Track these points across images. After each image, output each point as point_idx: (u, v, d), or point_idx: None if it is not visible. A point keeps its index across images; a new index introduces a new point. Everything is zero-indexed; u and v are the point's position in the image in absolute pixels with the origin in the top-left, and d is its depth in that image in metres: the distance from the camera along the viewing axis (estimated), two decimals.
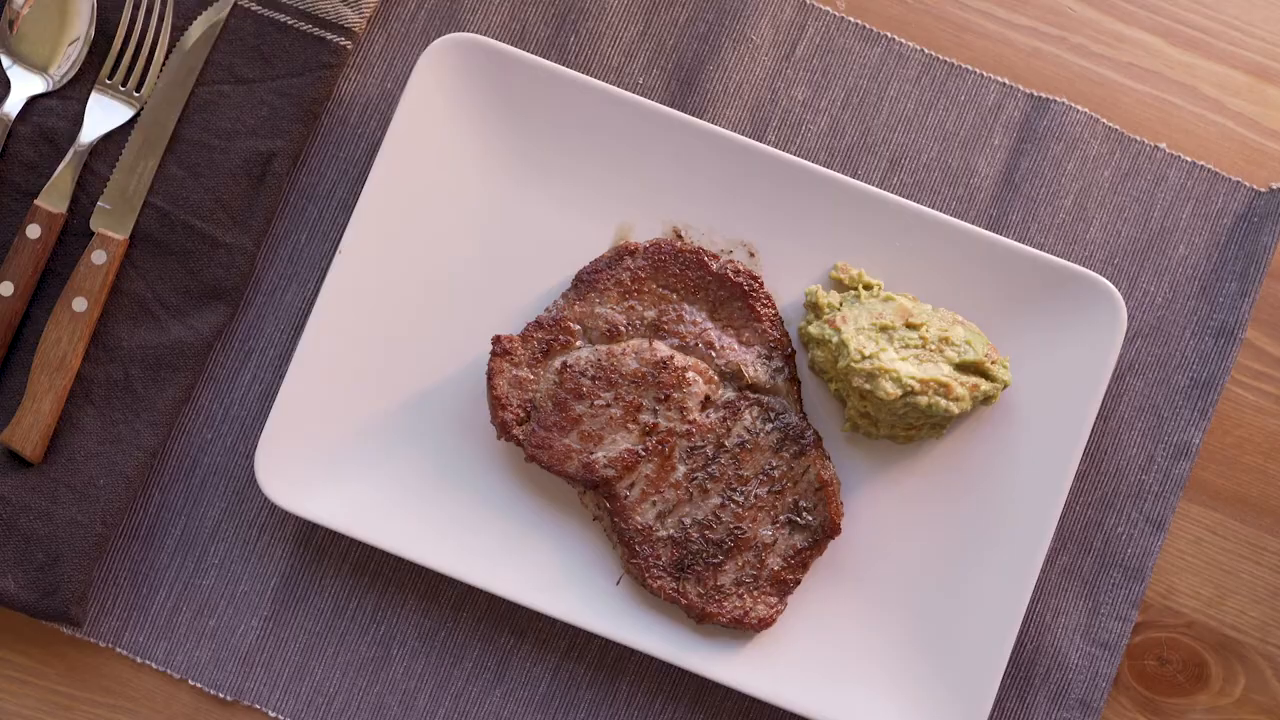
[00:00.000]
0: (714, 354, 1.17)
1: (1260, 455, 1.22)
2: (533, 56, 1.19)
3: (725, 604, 1.15)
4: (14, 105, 1.19)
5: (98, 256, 1.17)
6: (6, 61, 1.20)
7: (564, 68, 1.19)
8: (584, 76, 1.19)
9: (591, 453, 1.15)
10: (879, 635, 1.17)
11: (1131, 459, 1.21)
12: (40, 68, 1.20)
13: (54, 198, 1.18)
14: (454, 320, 1.19)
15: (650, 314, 1.17)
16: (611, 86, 1.19)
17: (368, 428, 1.18)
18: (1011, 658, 1.17)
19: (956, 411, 1.14)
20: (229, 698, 1.18)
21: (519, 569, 1.16)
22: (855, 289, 1.19)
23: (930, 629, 1.17)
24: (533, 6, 1.24)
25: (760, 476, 1.16)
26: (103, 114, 1.20)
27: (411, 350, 1.19)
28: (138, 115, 1.20)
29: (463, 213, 1.20)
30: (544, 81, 1.19)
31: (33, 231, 1.17)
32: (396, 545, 1.15)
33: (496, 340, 1.16)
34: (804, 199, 1.18)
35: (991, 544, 1.16)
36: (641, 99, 1.19)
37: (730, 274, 1.18)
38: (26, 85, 1.20)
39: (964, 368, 1.15)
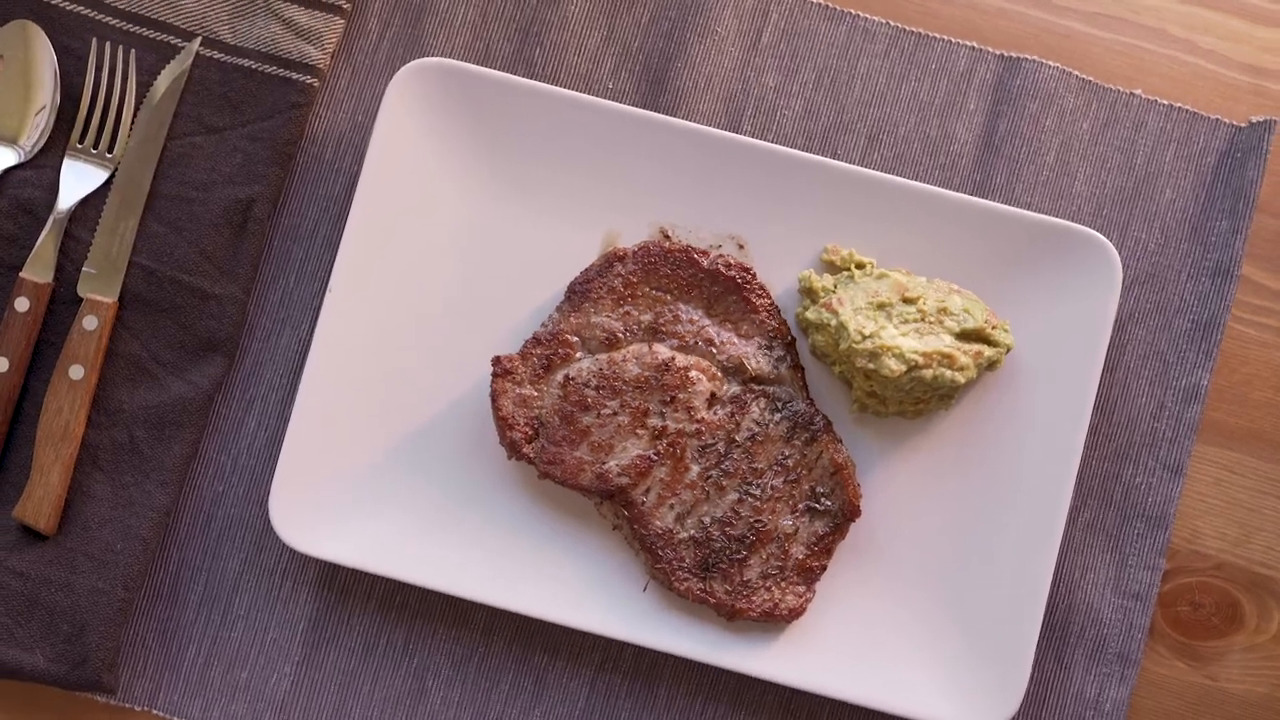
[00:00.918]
0: (714, 350, 1.16)
1: (1270, 390, 1.22)
2: (500, 73, 1.18)
3: (754, 598, 1.15)
4: None
5: (89, 322, 1.17)
6: None
7: (532, 81, 1.18)
8: (553, 88, 1.18)
9: (604, 463, 1.14)
10: (910, 612, 1.17)
11: (1142, 408, 1.21)
12: (10, 140, 1.19)
13: (38, 268, 1.18)
14: (451, 345, 1.19)
15: (646, 317, 1.17)
16: (581, 94, 1.19)
17: (378, 463, 1.18)
18: (1044, 619, 1.17)
19: (963, 381, 1.14)
20: None
21: (545, 586, 1.16)
22: (848, 269, 1.18)
23: (960, 600, 1.16)
24: (495, 24, 1.24)
25: (775, 467, 1.15)
26: (77, 179, 1.19)
27: (412, 380, 1.19)
28: (112, 176, 1.20)
29: (448, 237, 1.20)
30: (514, 97, 1.18)
31: (21, 304, 1.17)
32: (419, 576, 1.15)
33: (496, 361, 1.15)
34: (786, 185, 1.18)
35: (1012, 508, 1.16)
36: (613, 104, 1.18)
37: (722, 268, 1.17)
38: None
39: (965, 336, 1.15)
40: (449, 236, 1.20)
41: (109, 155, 1.20)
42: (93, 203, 1.20)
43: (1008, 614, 1.14)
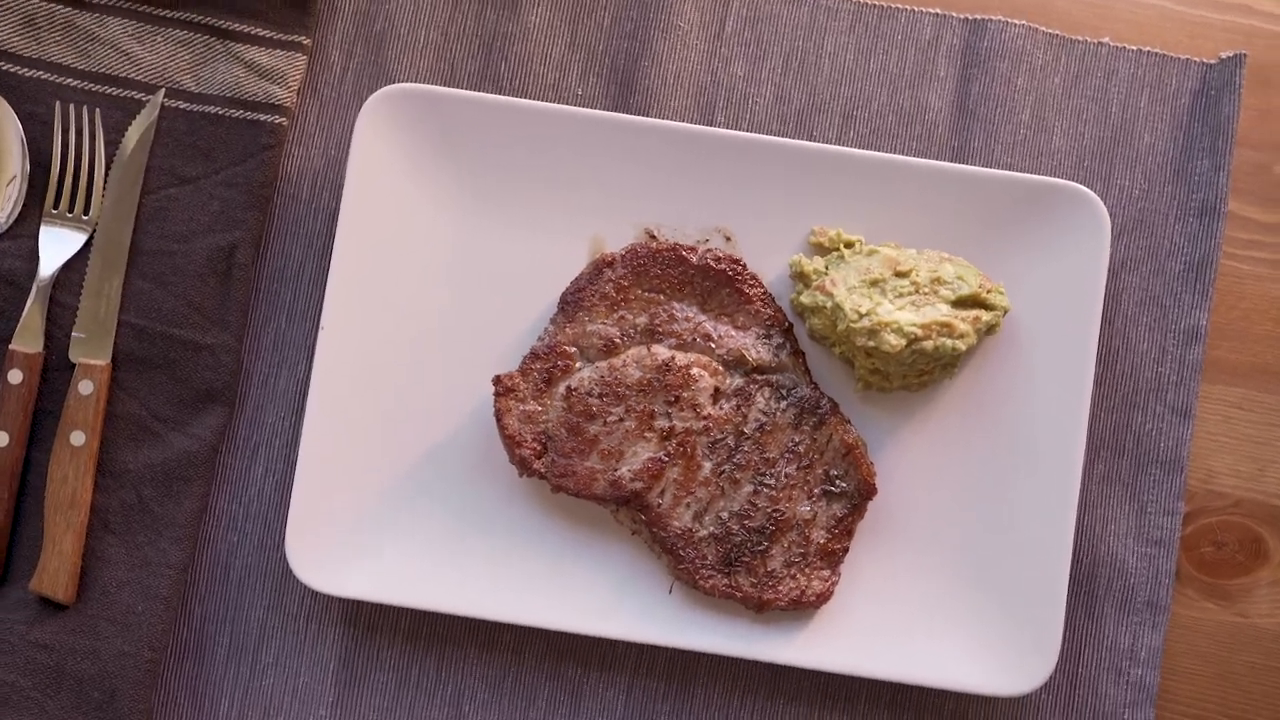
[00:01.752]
0: (713, 345, 1.16)
1: (1269, 323, 1.22)
2: (468, 93, 1.18)
3: (780, 587, 1.14)
4: None
5: (84, 387, 1.16)
6: None
7: (501, 96, 1.18)
8: (522, 101, 1.18)
9: (615, 469, 1.14)
10: (937, 584, 1.17)
11: (1144, 354, 1.21)
12: None
13: (27, 338, 1.17)
14: (449, 369, 1.18)
15: (642, 320, 1.17)
16: (551, 104, 1.18)
17: (390, 495, 1.17)
18: (1071, 576, 1.17)
19: (964, 348, 1.14)
20: None
21: (570, 599, 1.15)
22: (837, 250, 1.18)
23: (985, 566, 1.16)
24: (457, 43, 1.23)
25: (786, 455, 1.15)
26: (56, 245, 1.19)
27: (415, 408, 1.18)
28: (91, 238, 1.19)
29: (434, 262, 1.19)
30: (484, 114, 1.18)
31: (14, 377, 1.16)
32: (444, 604, 1.14)
33: (497, 380, 1.15)
34: (767, 172, 1.18)
35: (1027, 469, 1.16)
36: (584, 110, 1.18)
37: (711, 263, 1.17)
38: None
39: (961, 303, 1.15)
40: (435, 261, 1.19)
41: (85, 217, 1.19)
42: (74, 267, 1.19)
43: (1034, 574, 1.14)
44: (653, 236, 1.19)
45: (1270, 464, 1.21)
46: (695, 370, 1.15)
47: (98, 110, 1.20)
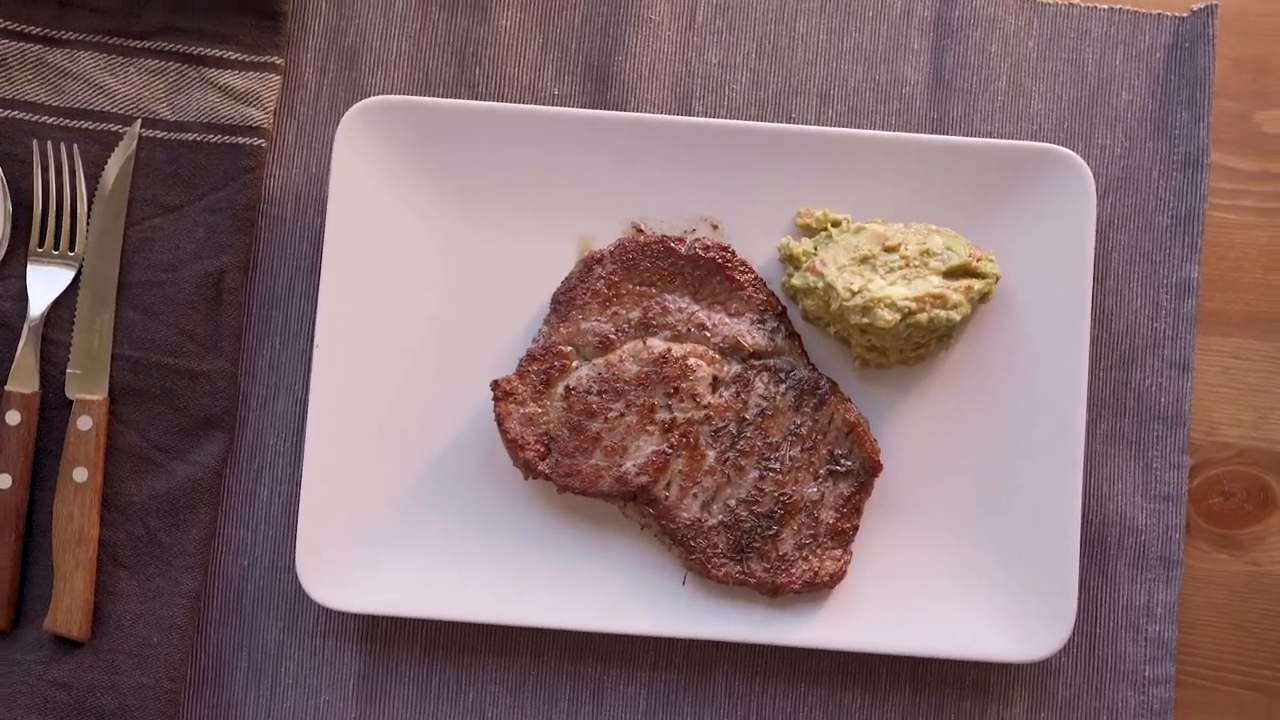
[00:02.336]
0: (708, 334, 1.16)
1: (1259, 270, 1.23)
2: (444, 101, 1.18)
3: (793, 571, 1.14)
4: None
5: (83, 422, 1.16)
6: None
7: (477, 102, 1.18)
8: (499, 105, 1.18)
9: (620, 465, 1.14)
10: (949, 556, 1.17)
11: (1139, 311, 1.21)
12: None
13: (22, 379, 1.17)
14: (447, 378, 1.18)
15: (635, 314, 1.16)
16: (528, 106, 1.18)
17: (397, 507, 1.17)
18: (1082, 536, 1.16)
19: (958, 318, 1.14)
20: None
21: (584, 598, 1.15)
22: (824, 229, 1.18)
23: (996, 534, 1.16)
24: (430, 52, 1.23)
25: (789, 438, 1.15)
26: (44, 284, 1.18)
27: (415, 419, 1.18)
28: (79, 274, 1.19)
29: (423, 272, 1.19)
30: (462, 121, 1.18)
31: (12, 418, 1.16)
32: (459, 612, 1.14)
33: (495, 385, 1.15)
34: (749, 158, 1.18)
35: (1030, 433, 1.16)
36: (561, 109, 1.18)
37: (700, 252, 1.17)
38: None
39: (952, 273, 1.15)
40: (424, 271, 1.19)
41: (71, 253, 1.19)
42: (64, 304, 1.19)
43: (1045, 539, 1.14)
44: (640, 230, 1.19)
45: (1272, 411, 1.21)
46: (692, 360, 1.15)
47: (75, 146, 1.20)
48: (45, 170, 1.19)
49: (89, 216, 1.19)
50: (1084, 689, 1.18)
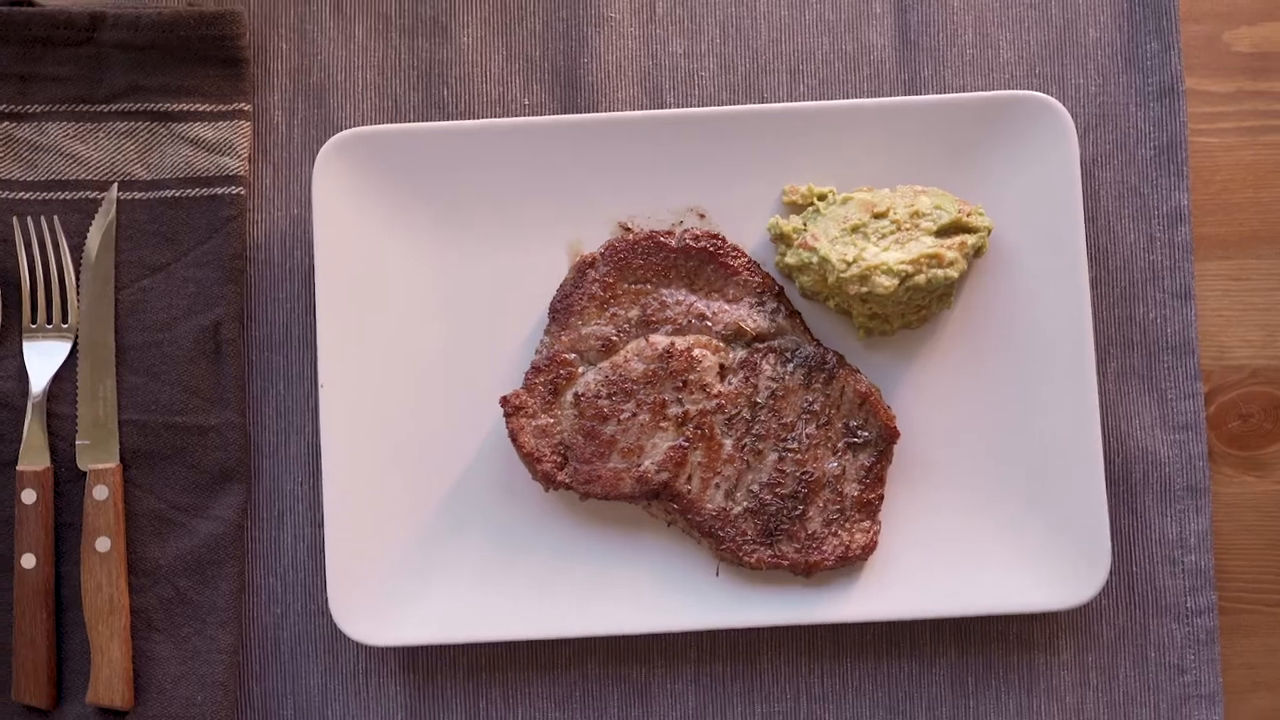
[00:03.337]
0: (709, 323, 1.16)
1: (1248, 189, 1.22)
2: (415, 125, 1.17)
3: (824, 548, 1.14)
4: None
5: (99, 492, 1.16)
6: None
7: (449, 123, 1.18)
8: (471, 123, 1.17)
9: (639, 465, 1.14)
10: (977, 513, 1.16)
11: (1133, 245, 1.21)
12: None
13: (32, 456, 1.16)
14: (455, 400, 1.18)
15: (634, 313, 1.16)
16: (500, 120, 1.18)
17: (423, 536, 1.17)
18: (1107, 477, 1.16)
19: (956, 275, 1.14)
20: None
21: (621, 601, 1.15)
22: (812, 204, 1.18)
23: (1022, 485, 1.16)
24: (396, 78, 1.23)
25: (803, 416, 1.15)
26: (43, 359, 1.18)
27: (429, 446, 1.18)
28: (75, 345, 1.18)
29: (418, 298, 1.19)
30: (436, 144, 1.17)
31: (28, 497, 1.15)
32: (498, 632, 1.14)
33: (505, 401, 1.15)
34: (727, 143, 1.17)
35: (1042, 381, 1.16)
36: (533, 119, 1.17)
37: (691, 242, 1.17)
38: None
39: (944, 231, 1.15)
40: (419, 297, 1.19)
41: (65, 325, 1.18)
42: (65, 376, 1.18)
43: (1070, 483, 1.14)
44: (628, 229, 1.19)
45: (1279, 328, 1.21)
46: (697, 351, 1.15)
47: (55, 218, 1.19)
48: (29, 246, 1.19)
49: (78, 286, 1.19)
50: (1128, 628, 1.18)
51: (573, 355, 1.16)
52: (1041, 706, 1.18)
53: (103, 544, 1.15)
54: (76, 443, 1.17)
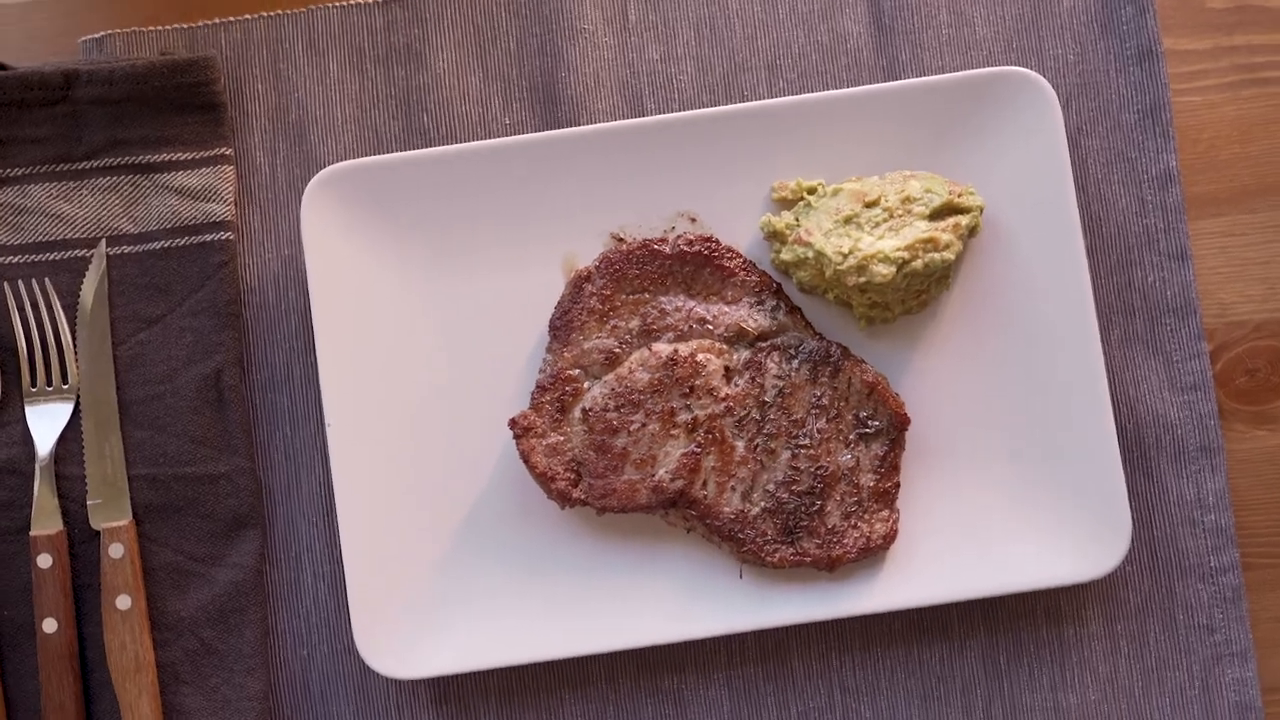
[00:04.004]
0: (710, 326, 1.15)
1: (1234, 144, 1.22)
2: (398, 155, 1.17)
3: (846, 541, 1.14)
4: None
5: (115, 550, 1.15)
6: None
7: (432, 149, 1.17)
8: (453, 147, 1.17)
9: (653, 475, 1.13)
10: (995, 492, 1.16)
11: (1125, 210, 1.20)
12: None
13: (44, 521, 1.16)
14: (464, 427, 1.17)
15: (634, 323, 1.16)
16: (483, 142, 1.17)
17: (443, 565, 1.16)
18: (1120, 444, 1.16)
19: (952, 257, 1.13)
20: None
21: (646, 612, 1.15)
22: (802, 198, 1.18)
23: (1037, 461, 1.16)
24: (374, 109, 1.22)
25: (813, 411, 1.15)
26: (46, 422, 1.17)
27: (442, 474, 1.17)
28: (78, 405, 1.18)
29: (417, 327, 1.18)
30: (421, 171, 1.17)
31: (44, 561, 1.15)
32: (526, 654, 1.14)
33: (513, 423, 1.14)
34: (711, 145, 1.17)
35: (1047, 354, 1.16)
36: (516, 138, 1.17)
37: (684, 248, 1.16)
38: None
39: (937, 214, 1.14)
40: (418, 326, 1.18)
41: (65, 386, 1.18)
42: (70, 437, 1.18)
43: (1085, 454, 1.14)
44: (620, 239, 1.19)
45: (1278, 280, 1.21)
46: (701, 356, 1.14)
47: (46, 279, 1.19)
48: (22, 310, 1.18)
49: (75, 346, 1.18)
50: (1154, 592, 1.18)
51: (577, 371, 1.15)
52: (1075, 678, 1.18)
53: (123, 602, 1.15)
54: (88, 502, 1.17)
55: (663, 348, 1.15)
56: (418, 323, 1.18)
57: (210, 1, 1.23)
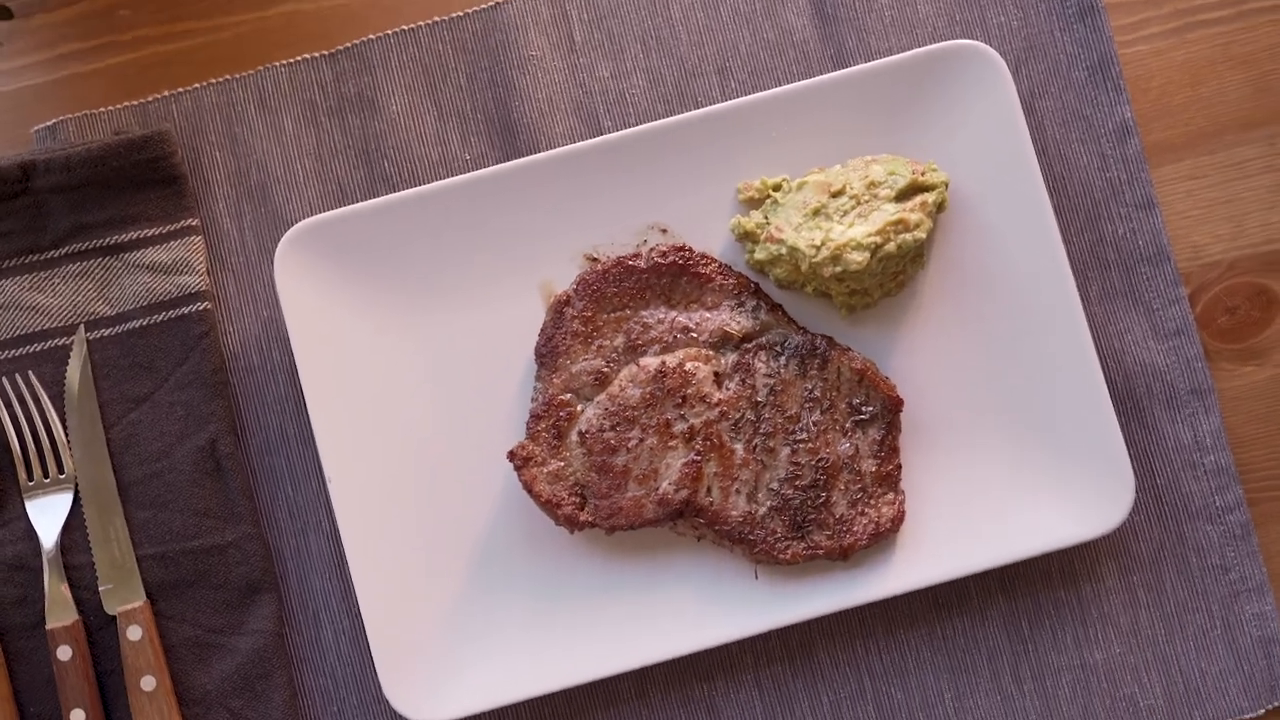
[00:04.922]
0: (695, 334, 1.16)
1: (1185, 88, 1.23)
2: (363, 204, 1.17)
3: (856, 528, 1.15)
4: None
5: (133, 632, 1.15)
6: None
7: (396, 194, 1.17)
8: (417, 190, 1.17)
9: (657, 488, 1.14)
10: (996, 462, 1.17)
11: (1087, 167, 1.21)
12: None
13: (59, 613, 1.16)
14: (463, 464, 1.18)
15: (619, 341, 1.16)
16: (446, 181, 1.17)
17: (462, 604, 1.17)
18: (1112, 398, 1.17)
19: (924, 235, 1.14)
20: None
21: (667, 624, 1.15)
22: (768, 196, 1.18)
23: (1031, 425, 1.16)
24: (334, 162, 1.23)
25: (807, 405, 1.15)
26: (48, 515, 1.17)
27: (447, 514, 1.17)
28: (77, 493, 1.18)
29: (405, 372, 1.18)
30: (388, 217, 1.17)
31: (63, 653, 1.15)
32: (555, 682, 1.14)
33: (512, 455, 1.14)
34: (672, 155, 1.18)
35: (1029, 318, 1.17)
36: (478, 172, 1.17)
37: (659, 259, 1.17)
38: None
39: (903, 195, 1.15)
40: (406, 371, 1.18)
41: (63, 476, 1.18)
42: (74, 526, 1.17)
43: (1079, 413, 1.15)
44: (594, 260, 1.19)
45: (1245, 217, 1.22)
46: (689, 365, 1.15)
47: (30, 372, 1.18)
48: (9, 406, 1.18)
49: (67, 434, 1.18)
50: (1165, 539, 1.19)
51: (569, 395, 1.16)
52: (1098, 634, 1.19)
53: (148, 683, 1.14)
54: (100, 588, 1.17)
55: (650, 361, 1.15)
56: (405, 367, 1.18)
57: (158, 75, 1.23)
